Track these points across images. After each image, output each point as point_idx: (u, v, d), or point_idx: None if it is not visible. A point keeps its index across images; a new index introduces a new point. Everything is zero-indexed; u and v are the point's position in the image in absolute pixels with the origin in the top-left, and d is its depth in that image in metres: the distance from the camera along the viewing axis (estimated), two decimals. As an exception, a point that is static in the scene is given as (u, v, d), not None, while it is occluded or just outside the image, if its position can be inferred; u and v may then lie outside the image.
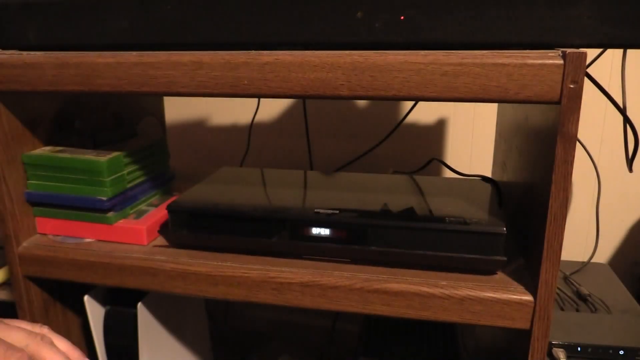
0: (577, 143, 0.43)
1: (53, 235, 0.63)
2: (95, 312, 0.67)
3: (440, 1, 0.44)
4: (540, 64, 0.41)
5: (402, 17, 0.45)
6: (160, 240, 0.62)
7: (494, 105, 0.87)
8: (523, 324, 0.48)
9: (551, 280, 0.46)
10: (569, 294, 0.76)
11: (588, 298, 0.74)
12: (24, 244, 0.61)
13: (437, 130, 0.98)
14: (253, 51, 0.48)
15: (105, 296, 0.68)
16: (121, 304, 0.68)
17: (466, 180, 0.68)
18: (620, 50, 0.63)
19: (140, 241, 0.60)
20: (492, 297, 0.48)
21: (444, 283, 0.50)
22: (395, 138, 0.94)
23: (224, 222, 0.57)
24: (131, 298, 0.67)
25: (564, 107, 0.42)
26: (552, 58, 0.41)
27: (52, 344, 0.47)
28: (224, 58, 0.47)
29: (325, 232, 0.54)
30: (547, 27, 0.43)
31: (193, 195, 0.61)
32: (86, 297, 0.65)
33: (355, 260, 0.55)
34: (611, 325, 0.68)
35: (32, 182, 0.61)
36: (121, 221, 0.61)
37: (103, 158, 0.59)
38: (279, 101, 1.03)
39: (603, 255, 0.97)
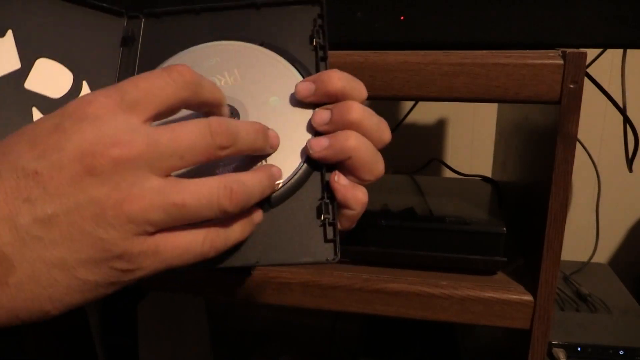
0: (577, 143, 0.43)
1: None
2: (95, 312, 0.67)
3: (440, 1, 0.44)
4: (540, 64, 0.41)
5: (402, 17, 0.45)
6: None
7: (494, 105, 0.87)
8: (523, 324, 0.48)
9: (551, 280, 0.46)
10: (569, 294, 0.76)
11: (588, 298, 0.74)
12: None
13: (437, 130, 0.98)
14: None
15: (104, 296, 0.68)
16: (121, 304, 0.68)
17: (466, 180, 0.68)
18: (620, 50, 0.63)
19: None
20: (492, 297, 0.48)
21: (444, 283, 0.50)
22: (395, 138, 0.94)
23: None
24: (131, 298, 0.67)
25: (564, 107, 0.42)
26: (552, 58, 0.41)
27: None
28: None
29: (325, 232, 0.54)
30: (547, 27, 0.43)
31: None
32: (86, 297, 0.65)
33: (355, 261, 0.55)
34: (611, 325, 0.68)
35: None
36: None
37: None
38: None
39: (603, 255, 0.96)
